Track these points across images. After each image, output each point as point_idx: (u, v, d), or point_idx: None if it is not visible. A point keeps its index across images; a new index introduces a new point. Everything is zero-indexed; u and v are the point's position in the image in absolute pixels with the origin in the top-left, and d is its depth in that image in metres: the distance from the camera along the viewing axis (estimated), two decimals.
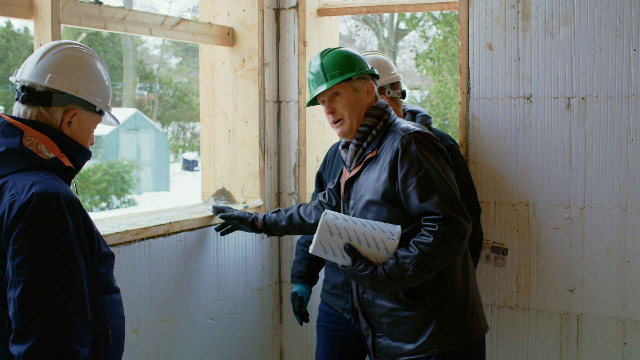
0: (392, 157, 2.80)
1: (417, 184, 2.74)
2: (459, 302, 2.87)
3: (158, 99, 28.04)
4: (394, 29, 22.18)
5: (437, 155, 2.82)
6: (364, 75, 2.98)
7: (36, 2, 3.10)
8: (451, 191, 2.75)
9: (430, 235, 2.70)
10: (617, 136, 3.58)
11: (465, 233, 2.73)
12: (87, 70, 2.36)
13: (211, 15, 4.37)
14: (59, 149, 2.28)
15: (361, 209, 2.91)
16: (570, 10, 3.62)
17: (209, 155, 4.48)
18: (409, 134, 2.82)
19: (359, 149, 2.95)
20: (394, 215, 2.82)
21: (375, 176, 2.85)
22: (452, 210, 2.71)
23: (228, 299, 4.12)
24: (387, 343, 2.95)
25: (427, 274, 2.72)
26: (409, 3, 4.18)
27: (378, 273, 2.72)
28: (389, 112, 2.98)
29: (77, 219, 2.18)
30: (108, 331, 2.30)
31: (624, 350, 3.65)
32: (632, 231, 3.59)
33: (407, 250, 2.71)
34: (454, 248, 2.71)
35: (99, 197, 19.65)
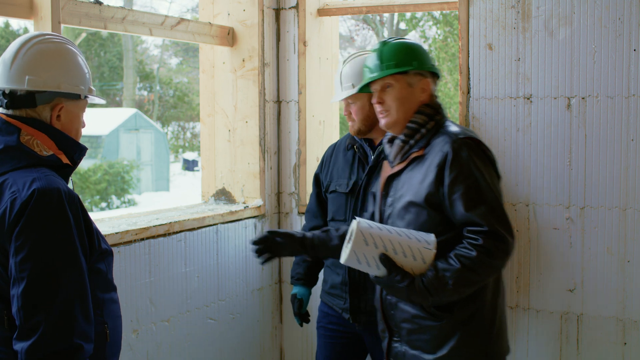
0: (441, 161, 2.67)
1: (464, 191, 2.62)
2: (486, 319, 2.74)
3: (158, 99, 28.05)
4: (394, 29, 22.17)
5: (487, 164, 2.71)
6: (422, 72, 2.85)
7: (36, 2, 3.10)
8: (499, 203, 2.65)
9: (473, 248, 2.57)
10: (617, 136, 3.58)
11: (510, 249, 2.61)
12: (62, 61, 2.31)
13: (211, 15, 4.37)
14: (56, 146, 2.27)
15: (400, 209, 2.78)
16: (570, 10, 3.62)
17: (209, 155, 4.48)
18: (461, 138, 2.70)
19: (405, 145, 2.83)
20: (433, 220, 2.69)
21: (420, 177, 2.73)
22: (499, 224, 2.60)
23: (228, 299, 4.12)
24: (404, 349, 2.83)
25: (466, 288, 2.61)
26: (409, 3, 4.18)
27: (416, 285, 2.58)
28: (443, 113, 2.86)
29: (78, 215, 2.17)
30: (106, 330, 2.30)
31: (624, 350, 3.65)
32: (632, 231, 3.59)
33: (447, 263, 2.59)
34: (497, 264, 2.60)
35: (99, 197, 19.66)
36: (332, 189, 3.54)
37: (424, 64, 2.85)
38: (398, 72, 2.82)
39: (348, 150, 3.56)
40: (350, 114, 3.42)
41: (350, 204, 3.44)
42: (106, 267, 2.34)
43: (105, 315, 2.31)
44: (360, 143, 3.51)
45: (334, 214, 3.51)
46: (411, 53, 2.85)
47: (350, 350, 3.59)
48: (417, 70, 2.83)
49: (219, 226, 4.04)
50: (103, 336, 2.29)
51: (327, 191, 3.60)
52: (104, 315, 2.30)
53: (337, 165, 3.57)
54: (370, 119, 3.44)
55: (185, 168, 27.99)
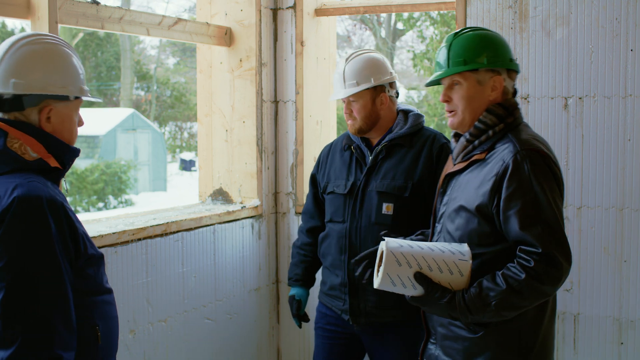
0: (500, 171, 2.46)
1: (521, 207, 2.41)
2: (523, 341, 2.55)
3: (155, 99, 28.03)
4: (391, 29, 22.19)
5: (551, 180, 2.47)
6: (495, 69, 2.61)
7: (33, 2, 3.10)
8: (558, 224, 2.41)
9: (523, 271, 2.38)
10: (614, 136, 3.58)
11: (563, 276, 2.40)
12: (49, 62, 2.26)
13: (209, 15, 4.37)
14: (45, 150, 2.23)
15: (452, 211, 2.62)
16: (567, 11, 3.62)
17: (207, 155, 4.48)
18: (525, 149, 2.47)
19: (469, 144, 2.63)
20: (483, 230, 2.51)
21: (477, 183, 2.53)
22: (555, 247, 2.38)
23: (225, 299, 4.12)
24: (437, 353, 2.70)
25: (510, 312, 2.44)
26: (406, 3, 4.18)
27: (457, 302, 2.44)
28: (516, 115, 2.62)
29: (61, 221, 2.13)
30: (97, 333, 2.27)
31: (621, 350, 3.66)
32: (629, 231, 3.59)
33: (493, 282, 2.42)
34: (547, 290, 2.41)
35: (96, 197, 19.63)
36: (329, 190, 3.54)
37: (496, 61, 2.61)
38: (467, 69, 2.60)
39: (345, 151, 3.56)
40: (351, 113, 3.42)
41: (349, 205, 3.44)
42: (95, 272, 2.30)
43: (97, 317, 2.28)
44: (358, 143, 3.51)
45: (332, 215, 3.50)
46: (483, 48, 2.61)
47: (348, 351, 3.59)
48: (487, 67, 2.60)
49: (216, 226, 4.04)
50: (94, 339, 2.26)
51: (324, 192, 3.59)
52: (95, 317, 2.27)
53: (335, 166, 3.57)
54: (372, 118, 3.44)
55: (182, 168, 27.97)
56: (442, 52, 2.68)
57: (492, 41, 2.64)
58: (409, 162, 3.39)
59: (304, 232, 3.72)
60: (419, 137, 3.46)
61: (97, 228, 3.44)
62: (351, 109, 3.43)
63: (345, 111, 3.44)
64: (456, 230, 2.59)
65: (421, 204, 3.32)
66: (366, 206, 3.40)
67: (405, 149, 3.42)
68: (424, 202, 3.35)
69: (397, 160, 3.40)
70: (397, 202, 3.33)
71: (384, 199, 3.37)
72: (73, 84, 2.30)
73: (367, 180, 3.41)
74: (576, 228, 3.67)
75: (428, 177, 3.36)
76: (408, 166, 3.38)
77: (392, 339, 3.44)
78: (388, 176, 3.38)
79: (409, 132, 3.44)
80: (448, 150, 3.44)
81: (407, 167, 3.38)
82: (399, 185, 3.35)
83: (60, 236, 2.13)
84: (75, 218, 2.24)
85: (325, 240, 3.55)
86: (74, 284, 2.19)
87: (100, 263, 2.34)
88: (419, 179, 3.36)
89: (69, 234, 2.16)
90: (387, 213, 3.34)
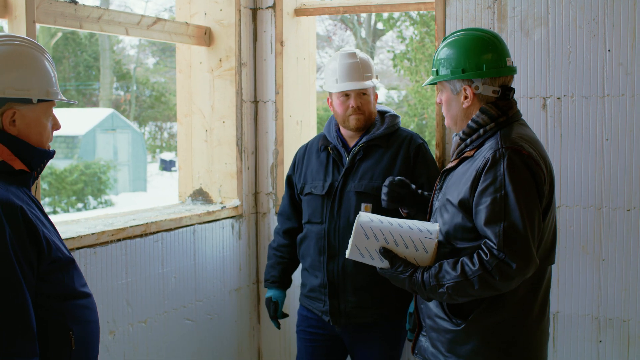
0: (480, 166, 2.53)
1: (490, 203, 2.47)
2: (504, 336, 2.61)
3: (135, 99, 27.89)
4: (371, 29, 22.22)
5: (527, 181, 2.50)
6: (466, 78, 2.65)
7: (10, 1, 3.07)
8: (521, 226, 2.44)
9: (478, 262, 2.46)
10: (592, 136, 3.61)
11: (515, 275, 2.44)
12: (10, 64, 2.19)
13: (188, 14, 4.36)
14: (9, 152, 2.19)
15: (441, 206, 2.70)
16: (545, 11, 3.65)
17: (186, 155, 4.46)
18: (506, 147, 2.51)
19: (461, 142, 2.71)
20: (465, 224, 2.57)
21: (464, 179, 2.60)
22: (511, 247, 2.44)
23: (205, 300, 4.11)
24: (427, 346, 2.77)
25: (461, 298, 2.52)
26: (385, 3, 4.19)
27: (414, 278, 2.54)
28: (509, 115, 2.66)
29: (17, 225, 2.08)
30: (70, 337, 2.22)
31: (599, 348, 3.68)
32: (607, 230, 3.62)
33: (452, 266, 2.51)
34: (497, 285, 2.46)
35: (76, 197, 19.50)
36: (307, 191, 3.54)
37: (469, 69, 2.64)
38: (436, 81, 2.72)
39: (321, 152, 3.56)
40: (359, 107, 3.42)
41: (327, 206, 3.44)
42: (63, 275, 2.24)
43: (71, 322, 2.23)
44: (335, 144, 3.51)
45: (310, 216, 3.50)
46: (459, 57, 2.66)
47: (330, 352, 3.59)
48: (454, 79, 2.66)
49: (196, 227, 4.03)
50: (66, 343, 2.22)
51: (301, 193, 3.59)
52: (67, 321, 2.22)
53: (311, 167, 3.56)
54: (374, 115, 3.47)
55: (162, 168, 27.85)
56: (434, 55, 2.78)
57: (467, 47, 2.67)
58: (386, 162, 3.40)
59: (280, 234, 3.72)
60: (395, 137, 3.47)
61: (76, 229, 3.42)
62: (360, 103, 3.42)
63: (354, 104, 3.41)
64: (444, 224, 2.66)
65: None
66: (344, 207, 3.40)
67: (383, 149, 3.44)
68: None
69: (374, 161, 3.41)
70: (375, 202, 3.34)
71: (362, 199, 3.38)
72: (38, 87, 2.23)
73: (345, 181, 3.42)
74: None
75: (405, 177, 3.38)
76: (386, 167, 3.39)
77: (372, 338, 3.45)
78: (366, 177, 3.39)
79: (386, 133, 3.46)
80: (425, 151, 3.47)
81: (385, 168, 3.39)
82: (377, 185, 3.36)
83: (17, 240, 2.07)
84: (38, 222, 2.18)
85: (304, 242, 3.55)
86: (40, 288, 2.14)
87: (70, 267, 2.28)
88: None
89: (27, 236, 2.11)
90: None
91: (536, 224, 2.50)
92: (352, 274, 3.37)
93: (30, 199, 2.23)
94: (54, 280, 2.21)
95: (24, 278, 2.08)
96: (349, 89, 3.41)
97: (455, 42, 2.71)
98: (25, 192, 2.22)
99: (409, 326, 3.38)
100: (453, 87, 2.69)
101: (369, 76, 3.44)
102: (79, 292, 2.31)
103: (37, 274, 2.15)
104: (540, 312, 2.68)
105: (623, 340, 3.65)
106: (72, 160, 21.03)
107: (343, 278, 3.39)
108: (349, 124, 3.44)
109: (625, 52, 3.53)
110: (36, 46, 2.29)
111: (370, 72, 3.46)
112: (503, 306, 2.58)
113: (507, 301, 2.58)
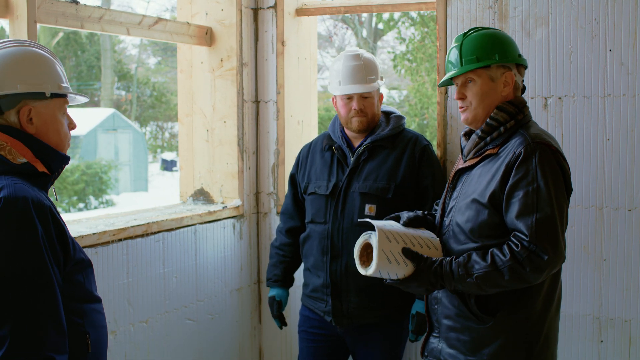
0: (511, 160, 2.56)
1: (523, 196, 2.51)
2: (530, 332, 2.64)
3: (136, 98, 27.90)
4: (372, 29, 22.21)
5: (557, 175, 2.57)
6: (506, 64, 2.72)
7: (12, 1, 3.07)
8: (552, 218, 2.50)
9: (509, 253, 2.49)
10: (594, 136, 3.61)
11: (546, 267, 2.49)
12: (20, 61, 2.22)
13: (189, 14, 4.36)
14: (32, 154, 2.20)
15: (463, 205, 2.69)
16: (546, 11, 3.64)
17: (188, 155, 4.46)
18: (536, 142, 2.57)
19: (481, 141, 2.72)
20: (492, 220, 2.60)
21: (490, 175, 2.62)
22: (543, 239, 2.48)
23: (207, 300, 4.11)
24: (441, 347, 2.76)
25: (490, 289, 2.54)
26: (386, 3, 4.19)
27: (443, 267, 2.55)
28: (526, 112, 2.73)
29: (47, 224, 2.11)
30: (87, 341, 2.24)
31: (600, 348, 3.68)
32: (608, 230, 3.62)
33: (482, 257, 2.53)
34: (528, 277, 2.49)
35: (77, 197, 19.52)
36: (310, 190, 3.53)
37: (507, 56, 2.72)
38: (479, 67, 2.70)
39: (326, 151, 3.55)
40: (362, 110, 3.41)
41: (331, 206, 3.44)
42: (84, 278, 2.28)
43: (87, 325, 2.26)
44: (339, 144, 3.51)
45: (314, 216, 3.50)
46: (493, 45, 2.72)
47: (332, 353, 3.59)
48: (499, 63, 2.71)
49: (198, 226, 4.03)
50: (84, 347, 2.24)
51: (305, 192, 3.58)
52: (85, 325, 2.25)
53: (315, 166, 3.56)
54: (378, 117, 3.47)
55: (163, 168, 27.86)
56: (453, 52, 2.78)
57: (501, 39, 2.75)
58: (391, 163, 3.40)
59: (282, 233, 3.72)
60: (400, 138, 3.47)
61: (77, 229, 3.42)
62: (363, 105, 3.42)
63: (357, 106, 3.41)
64: (466, 222, 2.66)
65: (404, 205, 3.33)
66: (348, 207, 3.40)
67: (387, 150, 3.43)
68: (406, 203, 3.36)
69: (379, 162, 3.41)
70: (379, 203, 3.34)
71: (366, 200, 3.37)
72: (50, 82, 2.25)
73: (350, 182, 3.41)
74: None
75: (410, 179, 3.38)
76: (390, 168, 3.39)
77: (374, 339, 3.45)
78: (370, 177, 3.39)
79: (391, 134, 3.46)
80: (430, 152, 3.46)
81: (390, 169, 3.39)
82: (382, 186, 3.35)
83: (48, 239, 2.10)
84: (64, 223, 2.21)
85: (307, 241, 3.54)
86: (63, 289, 2.16)
87: (90, 270, 2.31)
88: (402, 180, 3.37)
89: (56, 237, 2.14)
90: (370, 214, 3.34)
91: (565, 219, 2.58)
92: (355, 274, 3.36)
93: (50, 203, 2.24)
94: (75, 282, 2.24)
95: (54, 277, 2.11)
96: (351, 92, 3.40)
97: (488, 34, 2.77)
98: (44, 194, 2.23)
99: (412, 327, 3.37)
100: (492, 74, 2.71)
101: (372, 78, 3.43)
102: (95, 296, 2.34)
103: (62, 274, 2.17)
104: (556, 310, 2.73)
105: (624, 340, 3.65)
106: (73, 160, 21.03)
107: (346, 278, 3.39)
108: (352, 126, 3.44)
109: (627, 52, 3.53)
110: (45, 49, 2.33)
111: (374, 74, 3.45)
112: (527, 304, 2.61)
113: (535, 296, 2.61)
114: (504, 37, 2.78)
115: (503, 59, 2.71)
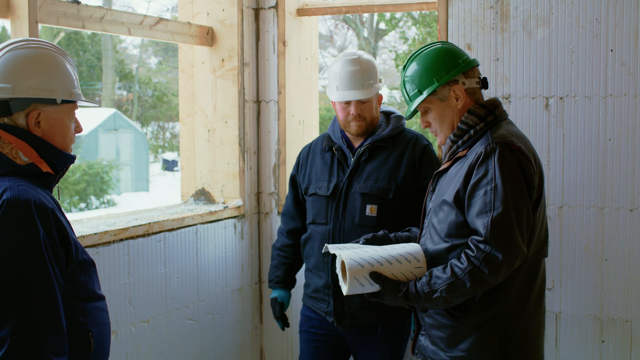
0: (473, 161, 2.60)
1: (482, 195, 2.54)
2: (502, 328, 2.65)
3: (137, 98, 27.91)
4: (374, 28, 22.21)
5: (516, 174, 2.56)
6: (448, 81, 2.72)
7: (13, 1, 3.07)
8: (507, 216, 2.50)
9: (466, 260, 2.52)
10: (595, 136, 3.60)
11: (501, 266, 2.49)
12: (35, 66, 2.23)
13: (190, 14, 4.36)
14: (36, 154, 2.21)
15: (435, 206, 2.74)
16: (548, 11, 3.64)
17: (189, 155, 4.46)
18: (497, 141, 2.59)
19: (453, 144, 2.76)
20: (459, 221, 2.62)
21: (457, 177, 2.66)
22: (497, 237, 2.49)
23: (208, 300, 4.11)
24: (426, 344, 2.81)
25: (456, 299, 2.56)
26: (388, 3, 4.19)
27: (409, 290, 2.59)
28: (497, 113, 2.73)
29: (49, 226, 2.11)
30: (90, 339, 2.25)
31: (602, 348, 3.68)
32: (610, 230, 3.62)
33: (442, 270, 2.57)
34: (487, 278, 2.50)
35: (78, 197, 19.52)
36: (311, 191, 3.53)
37: (445, 74, 2.72)
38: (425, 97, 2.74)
39: (326, 152, 3.55)
40: (360, 115, 3.41)
41: (332, 206, 3.43)
42: (86, 278, 2.28)
43: (91, 324, 2.27)
44: (339, 144, 3.50)
45: (315, 217, 3.49)
46: (428, 71, 2.74)
47: (333, 353, 3.59)
48: (440, 85, 2.72)
49: (199, 226, 4.03)
50: (87, 345, 2.25)
51: (305, 193, 3.58)
52: (88, 323, 2.26)
53: (316, 167, 3.55)
54: (377, 119, 3.47)
55: (164, 168, 27.86)
56: (402, 90, 2.84)
57: (434, 59, 2.75)
58: (392, 163, 3.40)
59: (284, 234, 3.71)
60: (401, 138, 3.46)
61: (78, 229, 3.42)
62: (361, 110, 3.41)
63: (355, 112, 3.39)
64: (439, 223, 2.71)
65: (404, 206, 3.33)
66: (349, 208, 3.39)
67: (388, 150, 3.43)
68: (407, 203, 3.36)
69: (380, 162, 3.41)
70: (380, 203, 3.34)
71: (367, 201, 3.37)
72: (62, 88, 2.27)
73: (350, 182, 3.41)
74: (557, 227, 3.69)
75: (411, 179, 3.37)
76: (391, 168, 3.39)
77: (375, 339, 3.44)
78: (371, 178, 3.39)
79: (391, 134, 3.45)
80: (430, 152, 3.46)
81: (390, 169, 3.38)
82: (383, 187, 3.35)
83: (50, 240, 2.11)
84: (67, 224, 2.22)
85: (308, 242, 3.54)
86: (65, 290, 2.17)
87: (93, 270, 2.32)
88: (402, 180, 3.37)
89: (58, 239, 2.14)
90: (371, 215, 3.34)
91: (524, 216, 2.56)
92: None
93: (54, 202, 2.24)
94: (78, 282, 2.25)
95: (55, 279, 2.11)
96: (349, 99, 3.40)
97: (419, 58, 2.78)
98: (48, 194, 2.24)
99: (414, 327, 3.38)
100: (441, 96, 2.74)
101: (370, 83, 3.41)
102: (98, 294, 2.35)
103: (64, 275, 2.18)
104: (536, 306, 2.73)
105: (625, 341, 3.65)
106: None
107: None
108: (350, 129, 3.43)
109: (628, 52, 3.53)
110: (57, 49, 2.33)
111: (372, 79, 3.42)
112: (498, 299, 2.63)
113: (502, 294, 2.63)
114: (437, 55, 2.76)
115: (441, 79, 2.71)
